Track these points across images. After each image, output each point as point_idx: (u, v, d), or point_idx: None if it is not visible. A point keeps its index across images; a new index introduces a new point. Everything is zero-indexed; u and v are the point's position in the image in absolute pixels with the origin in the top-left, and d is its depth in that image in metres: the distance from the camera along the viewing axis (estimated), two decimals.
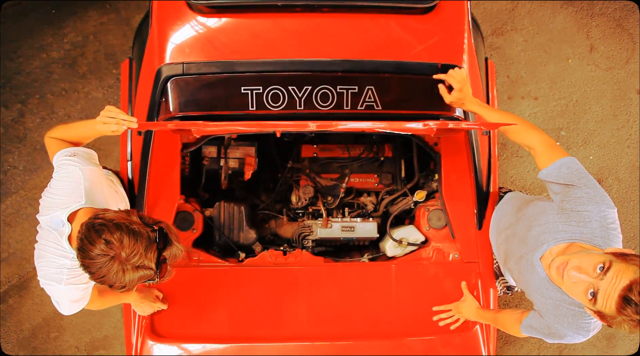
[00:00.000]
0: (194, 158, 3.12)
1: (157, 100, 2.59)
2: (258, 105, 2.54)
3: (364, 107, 2.58)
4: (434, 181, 3.09)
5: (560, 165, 2.23)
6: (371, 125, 2.36)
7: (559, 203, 2.23)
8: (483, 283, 2.82)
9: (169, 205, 2.81)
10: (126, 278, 1.89)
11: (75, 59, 4.46)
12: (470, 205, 2.87)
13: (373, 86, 2.57)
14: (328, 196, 3.25)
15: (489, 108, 2.48)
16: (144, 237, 1.89)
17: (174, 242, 1.99)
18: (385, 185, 3.29)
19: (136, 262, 1.89)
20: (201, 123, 2.26)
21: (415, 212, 3.15)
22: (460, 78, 2.42)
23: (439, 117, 2.67)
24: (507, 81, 4.66)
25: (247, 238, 3.08)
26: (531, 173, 4.52)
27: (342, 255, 3.26)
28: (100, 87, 4.46)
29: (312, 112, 2.57)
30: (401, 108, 2.64)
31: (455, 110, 2.67)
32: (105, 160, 4.23)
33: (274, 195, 3.32)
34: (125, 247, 1.86)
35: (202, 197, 3.20)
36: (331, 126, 2.27)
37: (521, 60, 4.72)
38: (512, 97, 4.61)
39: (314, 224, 3.12)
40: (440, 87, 2.48)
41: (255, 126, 2.38)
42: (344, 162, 3.30)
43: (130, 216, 1.98)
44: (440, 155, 2.92)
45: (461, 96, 2.43)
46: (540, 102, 4.64)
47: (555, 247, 2.17)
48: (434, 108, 2.64)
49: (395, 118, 2.62)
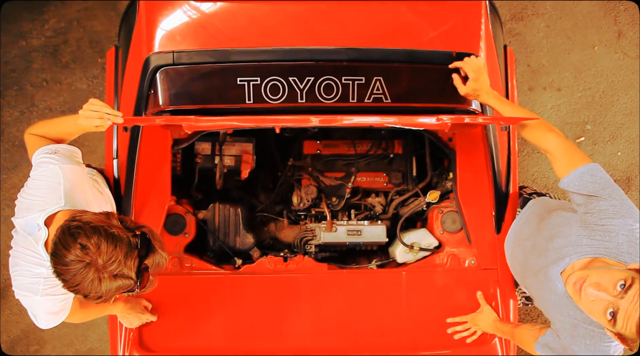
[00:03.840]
0: (186, 155, 3.11)
1: (145, 93, 2.57)
2: (256, 97, 2.53)
3: (372, 99, 2.57)
4: (448, 180, 3.07)
5: (582, 173, 2.19)
6: (379, 120, 2.31)
7: (581, 215, 2.20)
8: (502, 293, 2.80)
9: (158, 207, 2.81)
10: (102, 287, 1.87)
11: (57, 46, 4.44)
12: (488, 207, 2.84)
13: (381, 77, 2.56)
14: (332, 197, 3.24)
15: (505, 103, 2.47)
16: (124, 242, 1.88)
17: (157, 249, 1.98)
18: (395, 185, 3.28)
19: (114, 269, 1.86)
20: (193, 118, 2.24)
21: (428, 214, 3.13)
22: (477, 67, 2.42)
23: (454, 111, 2.66)
24: (528, 70, 4.63)
25: (244, 243, 3.06)
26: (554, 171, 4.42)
27: (348, 261, 3.24)
28: (85, 78, 4.45)
29: (315, 105, 2.55)
30: (412, 101, 2.62)
31: (471, 103, 2.65)
32: (89, 157, 4.22)
33: (274, 196, 3.31)
34: (103, 252, 1.84)
35: (195, 197, 3.18)
36: (335, 121, 2.27)
37: (543, 47, 4.68)
38: (533, 88, 4.59)
39: (317, 227, 3.09)
40: (455, 77, 2.48)
41: (252, 121, 2.35)
42: (349, 160, 3.28)
43: (110, 219, 1.96)
44: (455, 152, 2.91)
45: (477, 87, 2.43)
46: (564, 94, 4.62)
47: (577, 262, 2.13)
48: (448, 100, 2.63)
49: (406, 112, 2.60)
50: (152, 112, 2.59)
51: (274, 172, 3.40)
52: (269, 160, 3.40)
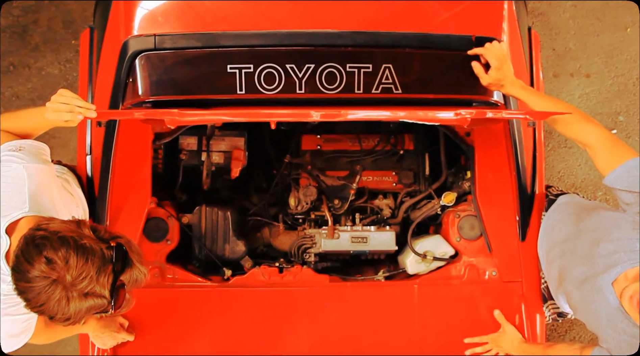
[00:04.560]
0: (170, 151, 3.07)
1: (123, 81, 2.53)
2: (248, 87, 2.49)
3: (380, 90, 2.52)
4: (466, 180, 3.01)
5: (630, 168, 2.15)
6: (389, 114, 2.30)
7: (632, 216, 2.13)
8: (527, 308, 2.74)
9: (137, 209, 2.76)
10: (71, 308, 1.80)
11: (26, 27, 4.38)
12: (511, 211, 2.80)
13: (391, 64, 2.51)
14: (335, 199, 3.17)
15: (533, 93, 2.43)
16: (97, 255, 1.81)
17: (135, 263, 1.92)
18: (405, 185, 3.23)
19: (85, 287, 1.80)
20: (176, 111, 2.18)
21: (443, 218, 3.08)
22: (500, 54, 2.37)
23: (472, 102, 2.62)
24: (553, 55, 4.57)
25: (234, 251, 3.01)
26: (583, 167, 4.47)
27: (352, 272, 3.18)
28: (57, 62, 4.38)
29: (316, 96, 2.51)
30: (426, 92, 2.58)
31: (493, 94, 2.61)
32: (60, 151, 4.15)
33: (268, 197, 3.27)
34: (72, 267, 1.77)
35: (178, 199, 3.15)
36: (339, 115, 2.20)
37: (569, 29, 4.63)
38: (559, 75, 4.54)
39: (317, 234, 3.05)
40: (476, 65, 2.44)
41: (244, 116, 2.32)
42: (354, 157, 3.24)
43: (81, 228, 1.89)
44: (474, 148, 2.86)
45: (500, 76, 2.38)
46: (593, 81, 4.56)
47: (631, 270, 2.05)
48: (466, 91, 2.60)
49: (419, 104, 2.57)
50: (130, 104, 2.55)
51: (268, 170, 3.36)
52: (262, 157, 3.35)
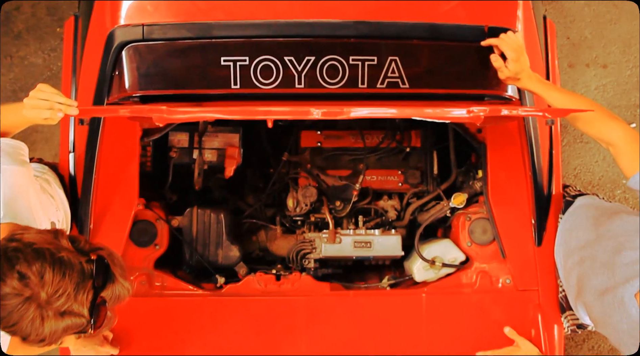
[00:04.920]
0: (159, 148, 3.03)
1: (109, 74, 2.49)
2: (243, 81, 2.45)
3: (386, 84, 2.49)
4: (477, 180, 2.97)
5: None
6: (396, 112, 2.23)
7: None
8: (544, 319, 2.70)
9: (123, 212, 2.72)
10: (46, 328, 1.73)
11: (9, 13, 4.32)
12: (526, 213, 2.76)
13: (398, 57, 2.47)
14: (336, 200, 3.13)
15: (552, 87, 2.39)
16: (75, 269, 1.75)
17: (117, 278, 1.86)
18: (412, 185, 3.19)
19: (61, 305, 1.73)
20: (164, 108, 2.13)
21: (453, 221, 3.04)
22: (516, 45, 2.33)
23: (483, 97, 2.60)
24: (567, 44, 4.52)
25: (227, 257, 2.97)
26: (600, 163, 4.43)
27: (354, 278, 3.14)
28: (40, 51, 4.33)
29: (316, 91, 2.48)
30: (435, 87, 2.55)
31: (506, 89, 2.58)
32: (43, 146, 4.10)
33: (265, 198, 3.22)
34: (47, 283, 1.70)
35: (168, 199, 3.10)
36: (342, 113, 2.15)
37: (585, 16, 4.58)
38: (574, 65, 4.50)
39: (317, 238, 3.00)
40: (495, 58, 2.40)
41: (238, 113, 2.26)
42: (357, 154, 3.19)
43: (58, 239, 1.82)
44: (486, 146, 2.82)
45: (517, 69, 2.34)
46: (611, 71, 4.51)
47: None
48: (477, 86, 2.57)
49: (427, 99, 2.56)
50: (117, 98, 2.50)
51: (265, 169, 3.31)
52: (259, 154, 3.31)
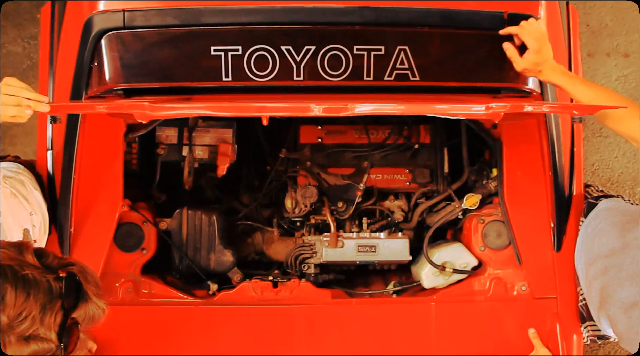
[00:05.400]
0: (145, 145, 2.99)
1: (87, 66, 2.44)
2: (236, 73, 2.40)
3: (394, 77, 2.44)
4: (491, 179, 2.93)
5: None
6: (406, 108, 2.17)
7: None
8: (563, 329, 2.66)
9: (106, 214, 2.69)
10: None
11: None
12: (544, 216, 2.73)
13: (407, 46, 2.41)
14: (338, 201, 3.07)
15: (578, 81, 2.33)
16: (42, 289, 1.64)
17: (90, 297, 1.76)
18: (420, 185, 3.13)
19: (25, 330, 1.61)
20: (147, 104, 2.04)
21: (464, 223, 3.00)
22: (538, 33, 2.27)
23: (500, 90, 2.56)
24: (587, 31, 4.46)
25: (220, 262, 2.92)
26: (620, 159, 4.40)
27: (358, 283, 3.13)
28: (19, 39, 4.29)
29: (317, 84, 2.43)
30: (448, 79, 2.52)
31: (527, 81, 2.54)
32: (24, 140, 4.06)
33: (261, 198, 3.18)
34: (9, 306, 1.59)
35: (156, 200, 3.07)
36: (345, 110, 2.06)
37: (605, 2, 4.52)
38: (593, 54, 4.44)
39: (317, 241, 2.96)
40: (508, 47, 2.33)
41: (229, 110, 2.18)
42: (361, 151, 3.13)
43: (22, 254, 1.70)
44: (502, 143, 2.79)
45: (539, 60, 2.28)
46: (633, 61, 4.45)
47: None
48: (495, 78, 2.54)
49: (440, 92, 2.54)
50: (96, 92, 2.47)
51: (261, 166, 3.27)
52: (254, 151, 3.27)
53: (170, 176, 3.05)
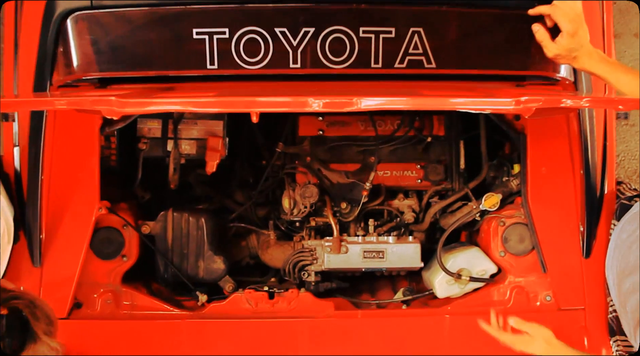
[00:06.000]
0: (125, 138, 2.89)
1: (50, 52, 2.38)
2: (222, 60, 2.32)
3: (406, 64, 2.34)
4: (513, 177, 2.82)
5: None
6: (421, 102, 2.04)
7: None
8: (590, 344, 2.60)
9: (81, 218, 2.58)
10: None
11: None
12: (573, 218, 2.64)
13: (422, 28, 2.32)
14: (342, 201, 2.96)
15: (618, 68, 2.20)
16: None
17: (40, 336, 1.68)
18: (433, 182, 3.04)
19: None
20: (113, 100, 1.88)
21: (482, 225, 2.91)
22: (574, 14, 2.13)
23: (525, 78, 2.50)
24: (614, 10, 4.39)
25: (210, 270, 2.83)
26: None
27: (363, 289, 3.06)
28: None
29: (317, 72, 2.35)
30: (468, 66, 2.43)
31: (558, 69, 2.46)
32: None
33: (256, 196, 3.08)
34: None
35: (140, 199, 3.01)
36: (351, 105, 1.90)
37: None
38: (621, 35, 4.31)
39: (318, 246, 2.86)
40: (538, 30, 2.20)
41: (212, 105, 2.07)
42: (367, 145, 3.03)
43: None
44: (526, 136, 2.68)
45: (574, 45, 2.14)
46: None
47: None
48: (520, 64, 2.46)
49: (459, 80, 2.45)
50: (63, 82, 2.41)
51: (256, 160, 3.20)
52: (248, 144, 3.19)
53: (155, 172, 2.96)
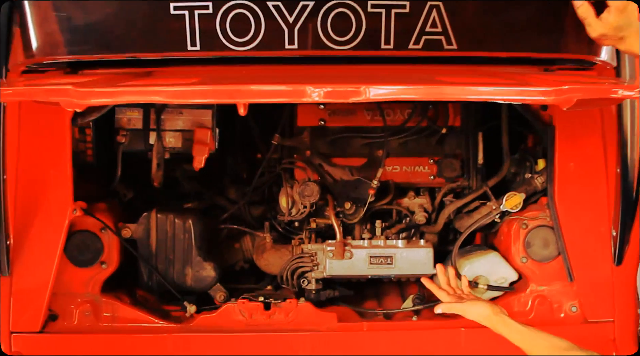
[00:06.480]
0: (102, 130, 2.74)
1: (4, 31, 2.22)
2: (205, 40, 2.14)
3: (422, 44, 2.16)
4: (538, 173, 2.70)
5: None
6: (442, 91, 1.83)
7: None
8: None
9: (53, 221, 2.45)
10: None
11: None
12: (604, 221, 2.53)
13: (441, 2, 2.16)
14: (346, 200, 2.83)
15: None
16: None
17: None
18: (448, 179, 2.90)
19: None
20: (71, 90, 1.69)
21: (502, 227, 2.78)
22: None
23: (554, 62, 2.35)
24: None
25: (199, 278, 2.71)
26: None
27: (368, 294, 2.95)
28: None
29: (317, 54, 2.18)
30: (495, 48, 2.24)
31: (599, 52, 2.29)
32: None
33: (250, 193, 2.94)
34: None
35: (122, 197, 2.89)
36: (357, 94, 1.70)
37: None
38: None
39: (319, 251, 2.73)
40: (581, 5, 2.03)
41: (190, 96, 1.83)
42: (374, 137, 2.88)
43: None
44: (554, 129, 2.55)
45: (622, 23, 1.99)
46: None
47: None
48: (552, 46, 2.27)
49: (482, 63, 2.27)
50: (24, 66, 2.27)
51: (250, 153, 3.07)
52: (242, 135, 3.04)
53: (138, 167, 2.83)
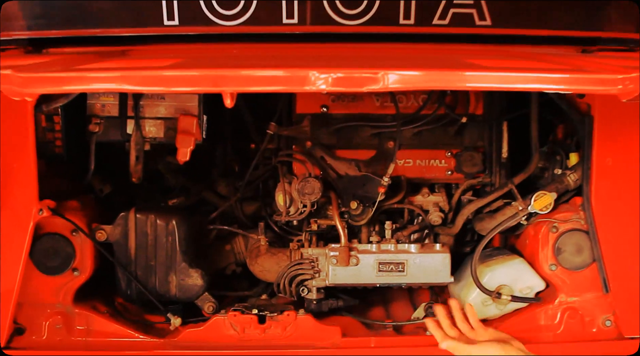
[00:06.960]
0: (73, 118, 2.53)
1: None
2: (185, 14, 2.06)
3: (449, 20, 2.08)
4: (570, 170, 2.50)
5: None
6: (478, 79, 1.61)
7: None
8: None
9: (16, 222, 2.29)
10: None
11: None
12: None
13: None
14: (352, 199, 2.61)
15: None
16: None
17: None
18: (467, 175, 2.70)
19: None
20: (13, 75, 1.56)
21: (529, 230, 2.62)
22: None
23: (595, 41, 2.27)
24: None
25: (184, 287, 2.52)
26: None
27: (376, 301, 2.78)
28: None
29: (322, 31, 2.11)
30: (533, 25, 2.15)
31: None
32: None
33: (242, 188, 2.75)
34: None
35: (98, 192, 2.69)
36: (375, 81, 1.48)
37: None
38: None
39: (321, 256, 2.55)
40: None
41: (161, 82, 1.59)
42: (384, 126, 2.67)
43: None
44: (592, 119, 2.38)
45: None
46: None
47: None
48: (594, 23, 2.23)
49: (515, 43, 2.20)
50: None
51: (243, 143, 2.87)
52: (233, 123, 2.87)
53: (115, 158, 2.64)
